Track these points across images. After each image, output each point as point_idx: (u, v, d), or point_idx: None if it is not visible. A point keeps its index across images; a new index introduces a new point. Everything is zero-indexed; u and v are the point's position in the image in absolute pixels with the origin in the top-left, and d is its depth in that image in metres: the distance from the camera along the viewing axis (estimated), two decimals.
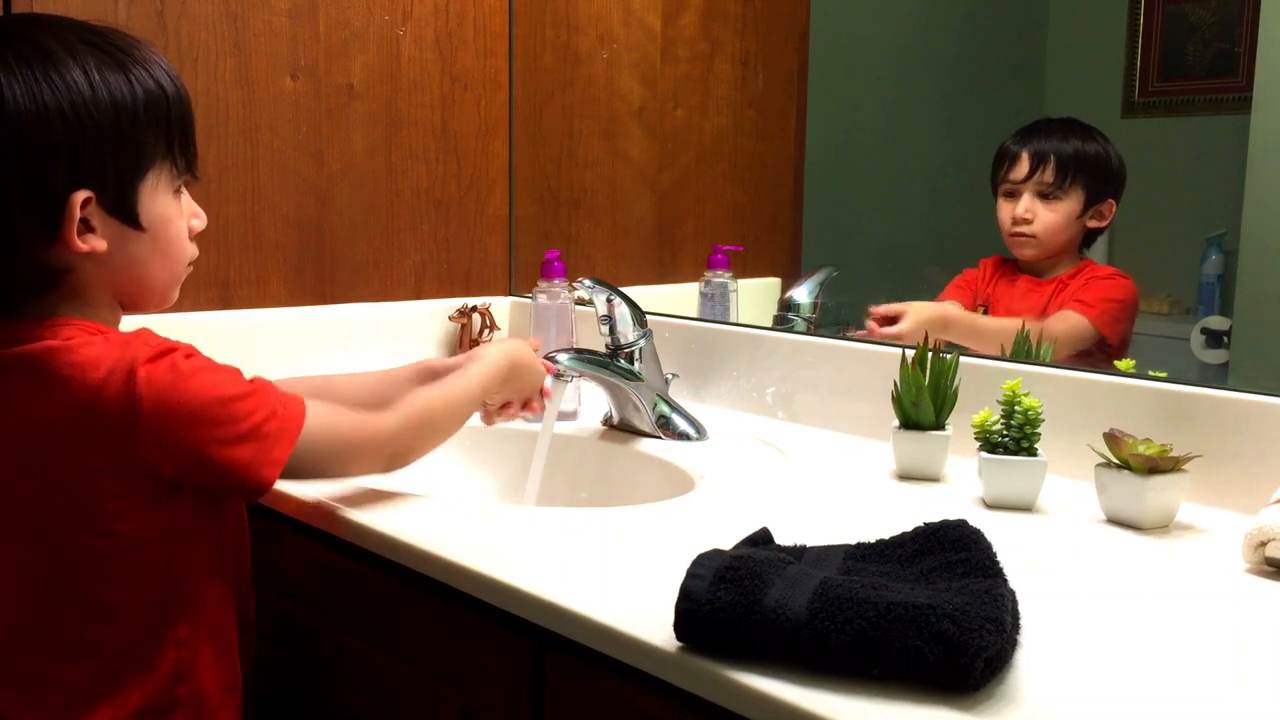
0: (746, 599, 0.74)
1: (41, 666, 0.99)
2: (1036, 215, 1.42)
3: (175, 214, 1.03)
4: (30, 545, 0.99)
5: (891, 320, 1.48)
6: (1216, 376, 1.24)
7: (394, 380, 1.24)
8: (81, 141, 0.95)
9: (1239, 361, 1.25)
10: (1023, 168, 1.42)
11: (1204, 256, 1.31)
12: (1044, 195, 1.41)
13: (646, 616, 0.81)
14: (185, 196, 1.06)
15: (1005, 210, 1.45)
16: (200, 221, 1.07)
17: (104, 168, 0.97)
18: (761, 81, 1.80)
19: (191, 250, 1.07)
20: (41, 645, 0.99)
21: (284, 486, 1.13)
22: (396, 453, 1.08)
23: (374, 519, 1.05)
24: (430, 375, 1.22)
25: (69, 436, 0.94)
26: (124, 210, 0.99)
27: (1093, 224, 1.41)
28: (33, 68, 0.94)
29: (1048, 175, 1.40)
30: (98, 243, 0.97)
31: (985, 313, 1.48)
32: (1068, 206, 1.41)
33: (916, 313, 1.48)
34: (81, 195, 0.95)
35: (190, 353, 0.97)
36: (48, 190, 0.95)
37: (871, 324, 1.50)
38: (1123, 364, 1.22)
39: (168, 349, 0.95)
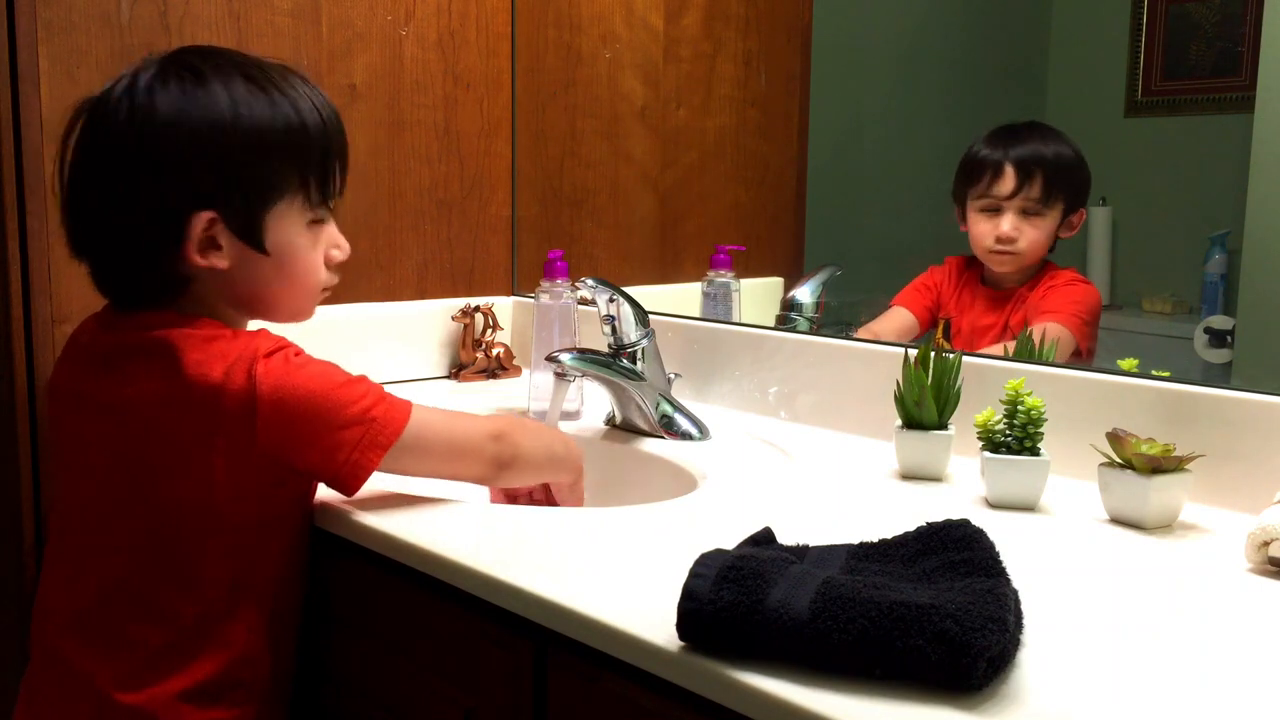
0: (749, 598, 0.74)
1: (125, 628, 1.04)
2: (1022, 233, 1.34)
3: (305, 243, 1.09)
4: (141, 513, 1.03)
5: None
6: (1220, 376, 1.24)
7: None
8: (212, 164, 1.01)
9: (1242, 361, 1.25)
10: (1008, 183, 1.35)
11: (1207, 256, 1.31)
12: (1028, 212, 1.34)
13: (649, 616, 0.81)
14: (330, 228, 1.12)
15: (983, 226, 1.37)
16: (340, 253, 1.13)
17: (231, 191, 1.03)
18: (764, 81, 1.80)
19: (326, 278, 1.12)
20: (129, 608, 1.04)
21: None
22: (500, 457, 1.12)
23: (376, 518, 1.06)
24: None
25: (196, 421, 0.99)
26: (249, 233, 1.05)
27: (1064, 235, 1.36)
28: (184, 87, 1.01)
29: (1035, 191, 1.33)
30: (219, 260, 1.04)
31: (948, 327, 1.41)
32: (1049, 222, 1.35)
33: None
34: (205, 216, 1.02)
35: (298, 351, 1.05)
36: (172, 205, 1.01)
37: None
38: (1125, 363, 1.22)
39: (281, 346, 1.03)
